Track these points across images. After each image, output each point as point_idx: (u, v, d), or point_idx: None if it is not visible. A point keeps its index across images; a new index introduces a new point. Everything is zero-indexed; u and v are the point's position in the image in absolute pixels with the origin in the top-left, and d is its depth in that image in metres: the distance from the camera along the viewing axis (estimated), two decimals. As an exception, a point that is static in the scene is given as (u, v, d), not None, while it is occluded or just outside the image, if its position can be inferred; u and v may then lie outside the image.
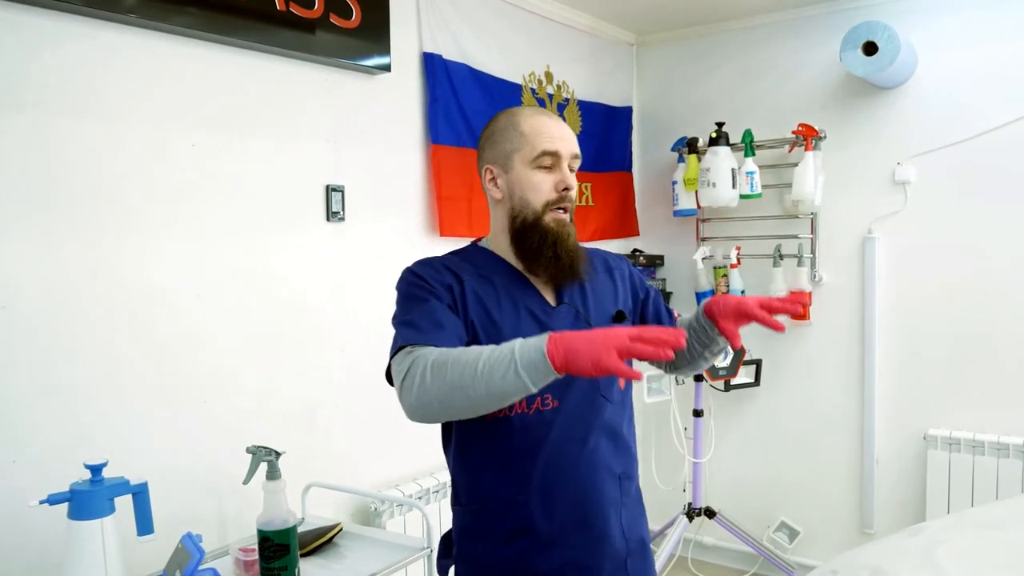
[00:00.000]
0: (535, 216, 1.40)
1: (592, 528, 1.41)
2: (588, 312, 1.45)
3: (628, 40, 3.78)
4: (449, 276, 1.40)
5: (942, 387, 3.14)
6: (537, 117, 1.42)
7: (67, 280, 1.78)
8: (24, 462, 1.69)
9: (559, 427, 1.39)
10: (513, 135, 1.41)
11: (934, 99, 3.10)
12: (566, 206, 1.41)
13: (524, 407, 1.37)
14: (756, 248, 3.49)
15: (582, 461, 1.40)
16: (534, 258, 1.40)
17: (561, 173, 1.40)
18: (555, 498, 1.39)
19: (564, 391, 1.39)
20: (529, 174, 1.40)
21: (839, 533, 3.39)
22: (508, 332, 1.36)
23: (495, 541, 1.40)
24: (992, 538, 1.85)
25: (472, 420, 1.37)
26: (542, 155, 1.39)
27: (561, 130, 1.42)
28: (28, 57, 1.71)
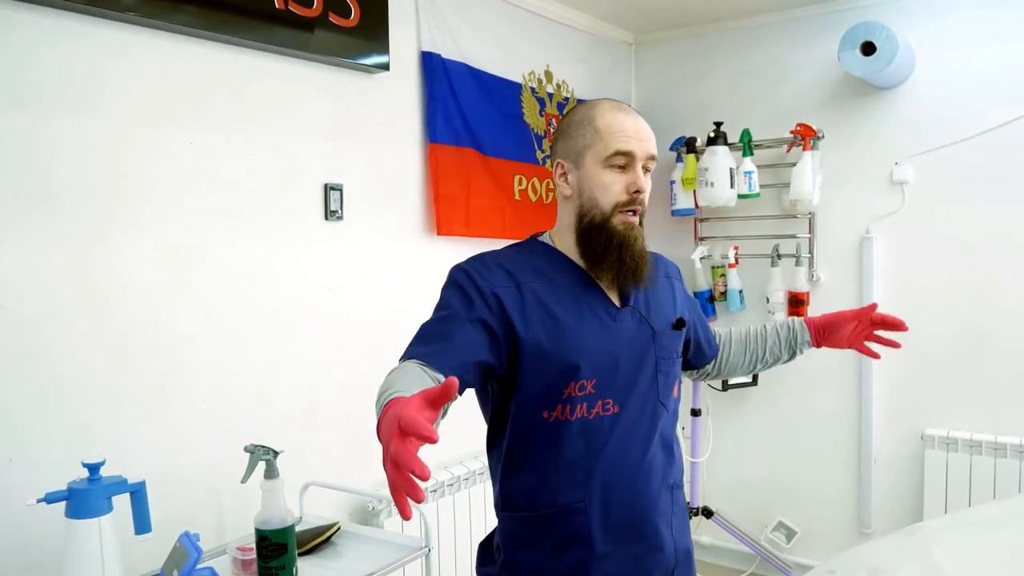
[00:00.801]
0: (603, 217, 1.34)
1: (646, 539, 1.38)
2: (652, 315, 1.42)
3: (626, 40, 3.78)
4: (502, 277, 1.34)
5: (939, 387, 3.15)
6: (614, 113, 1.36)
7: (66, 278, 1.77)
8: (22, 460, 1.69)
9: (619, 434, 1.35)
10: (588, 131, 1.36)
11: (932, 99, 3.10)
12: (636, 208, 1.36)
13: (585, 411, 1.33)
14: (754, 248, 3.50)
15: (640, 470, 1.37)
16: (598, 260, 1.35)
17: (634, 174, 1.34)
18: (612, 507, 1.35)
19: (625, 396, 1.36)
20: (600, 173, 1.34)
21: (837, 533, 3.39)
22: (571, 332, 1.33)
23: (549, 550, 1.35)
24: (989, 537, 1.85)
25: (527, 423, 1.34)
26: (615, 155, 1.33)
27: (638, 129, 1.35)
28: (27, 55, 1.70)
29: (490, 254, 1.40)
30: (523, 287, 1.33)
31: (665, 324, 1.44)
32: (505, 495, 1.40)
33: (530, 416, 1.34)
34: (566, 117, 1.42)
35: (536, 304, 1.32)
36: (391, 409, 0.97)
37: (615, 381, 1.35)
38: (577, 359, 1.31)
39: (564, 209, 1.41)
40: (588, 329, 1.34)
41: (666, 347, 1.42)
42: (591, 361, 1.32)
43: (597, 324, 1.35)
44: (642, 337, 1.39)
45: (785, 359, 1.67)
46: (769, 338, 1.65)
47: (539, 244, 1.44)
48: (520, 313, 1.31)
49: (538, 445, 1.34)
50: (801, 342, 1.64)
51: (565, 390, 1.32)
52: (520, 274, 1.35)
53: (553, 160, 1.42)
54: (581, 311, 1.35)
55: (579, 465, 1.33)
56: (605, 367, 1.34)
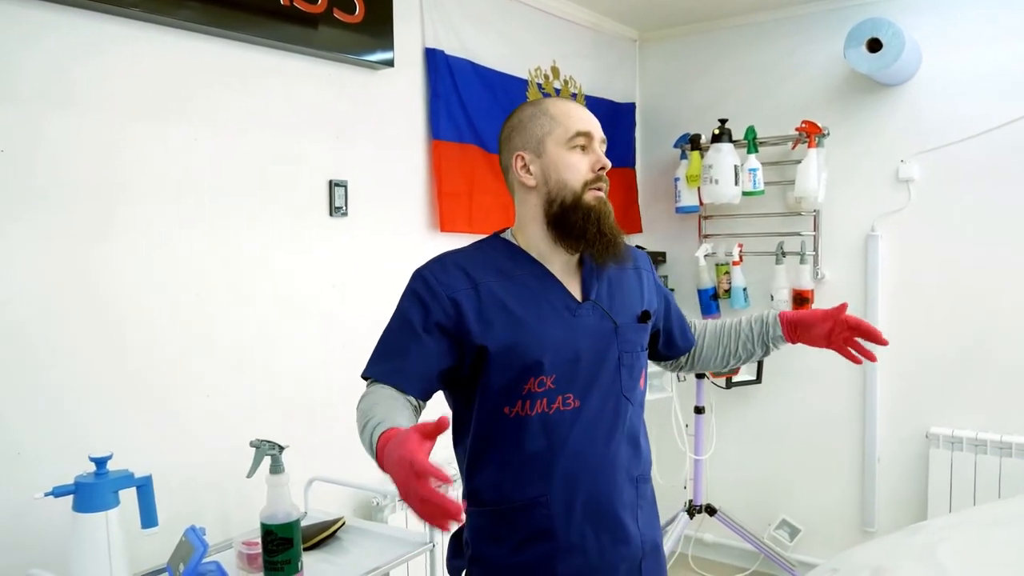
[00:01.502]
0: (575, 196, 1.38)
1: (611, 531, 1.40)
2: (616, 309, 1.43)
3: (631, 36, 3.78)
4: (459, 279, 1.36)
5: (944, 385, 3.14)
6: (563, 102, 1.44)
7: (69, 275, 1.78)
8: (29, 455, 1.70)
9: (580, 428, 1.37)
10: (543, 120, 1.40)
11: (938, 96, 3.09)
12: (602, 185, 1.41)
13: (545, 406, 1.35)
14: (759, 245, 3.49)
15: (603, 464, 1.39)
16: (579, 237, 1.38)
17: (595, 153, 1.40)
18: (575, 501, 1.37)
19: (586, 391, 1.37)
20: (565, 155, 1.39)
21: (840, 531, 3.39)
22: (530, 328, 1.34)
23: (514, 543, 1.37)
24: (993, 536, 1.85)
25: (490, 418, 1.37)
26: (576, 135, 1.39)
27: (588, 114, 1.43)
28: (28, 50, 1.71)
29: (451, 255, 1.42)
30: (481, 287, 1.36)
31: (629, 317, 1.45)
32: (471, 490, 1.42)
33: (492, 412, 1.37)
34: (513, 115, 1.45)
35: (494, 303, 1.35)
36: (393, 448, 1.07)
37: (576, 376, 1.37)
38: (537, 355, 1.34)
39: (526, 202, 1.42)
40: (547, 325, 1.36)
41: (630, 340, 1.44)
42: (551, 357, 1.34)
43: (557, 319, 1.37)
44: (604, 331, 1.41)
45: (759, 354, 1.65)
46: (742, 333, 1.63)
47: (501, 241, 1.46)
48: (478, 315, 1.34)
49: (500, 441, 1.37)
50: (774, 336, 1.61)
51: (525, 386, 1.34)
52: (479, 274, 1.37)
53: (510, 156, 1.43)
54: (540, 307, 1.37)
55: (541, 460, 1.36)
56: (565, 362, 1.36)
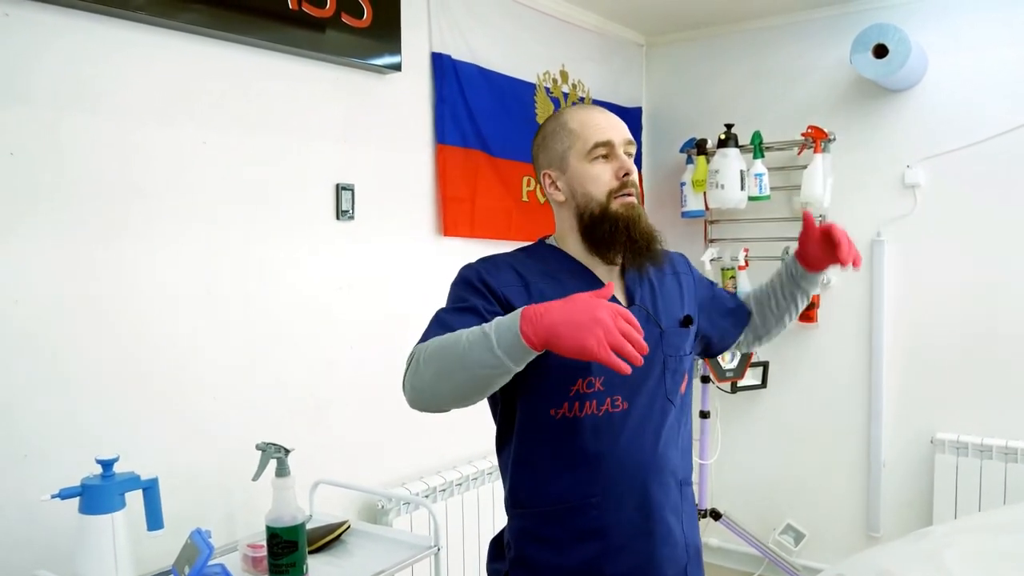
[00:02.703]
0: (601, 207, 1.37)
1: (658, 534, 1.39)
2: (660, 313, 1.43)
3: (637, 41, 3.78)
4: (511, 276, 1.37)
5: (950, 391, 3.13)
6: (583, 111, 1.41)
7: (78, 276, 1.79)
8: (36, 457, 1.70)
9: (629, 430, 1.37)
10: (563, 135, 1.40)
11: (944, 102, 3.09)
12: (630, 191, 1.38)
13: (595, 408, 1.35)
14: (764, 250, 3.49)
15: (651, 465, 1.38)
16: (609, 247, 1.37)
17: (618, 160, 1.38)
18: (624, 502, 1.36)
19: (633, 394, 1.37)
20: (587, 168, 1.38)
21: (845, 536, 3.38)
22: None
23: (562, 544, 1.37)
24: (1000, 542, 1.85)
25: (536, 421, 1.36)
26: (595, 147, 1.37)
27: (608, 119, 1.40)
28: (39, 54, 1.72)
29: (500, 255, 1.43)
30: (531, 286, 1.36)
31: (672, 321, 1.45)
32: (515, 492, 1.41)
33: (537, 414, 1.36)
34: (539, 132, 1.46)
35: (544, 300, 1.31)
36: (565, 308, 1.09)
37: (624, 379, 1.33)
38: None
39: (561, 216, 1.44)
40: None
41: (674, 345, 1.44)
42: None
43: None
44: (650, 336, 1.39)
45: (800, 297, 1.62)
46: (775, 286, 1.63)
47: (547, 247, 1.46)
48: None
49: (548, 442, 1.36)
50: (797, 273, 1.58)
51: (573, 387, 1.34)
52: (528, 274, 1.38)
53: (539, 174, 1.45)
54: None
55: (590, 461, 1.35)
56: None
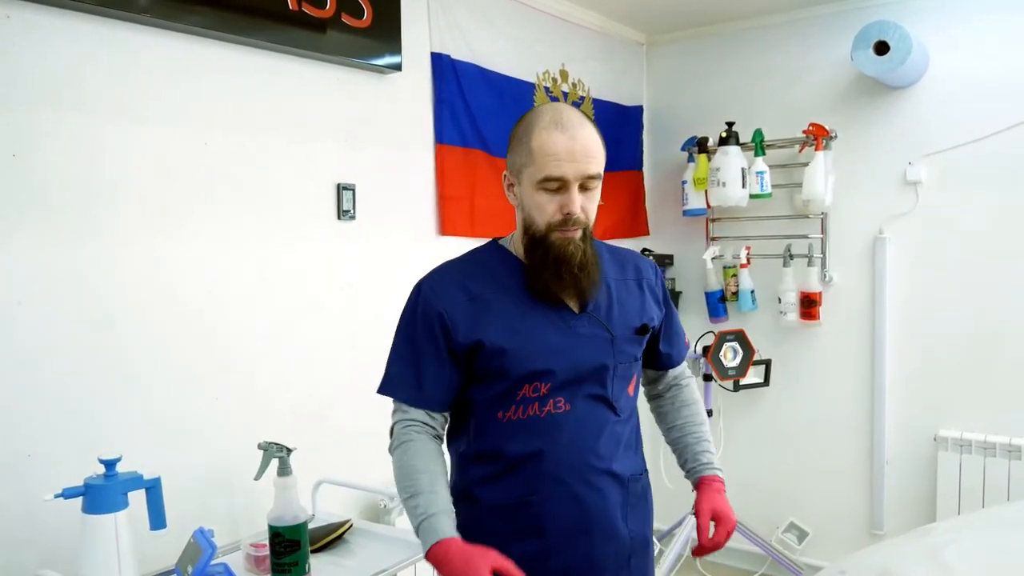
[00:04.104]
0: (540, 234, 1.38)
1: (599, 530, 1.43)
2: (612, 320, 1.45)
3: (638, 40, 3.78)
4: (457, 292, 1.41)
5: (953, 388, 3.13)
6: (549, 132, 1.34)
7: (81, 277, 1.79)
8: (39, 457, 1.71)
9: (569, 430, 1.41)
10: (524, 150, 1.37)
11: (946, 99, 3.09)
12: (571, 229, 1.37)
13: (537, 409, 1.39)
14: (766, 248, 3.49)
15: (591, 465, 1.42)
16: (539, 273, 1.40)
17: (567, 197, 1.34)
18: (563, 501, 1.40)
19: (576, 396, 1.41)
20: (534, 195, 1.37)
21: (848, 534, 3.38)
22: (526, 338, 1.39)
23: (506, 539, 1.40)
24: (1002, 540, 1.84)
25: (485, 422, 1.42)
26: (546, 180, 1.34)
27: (572, 150, 1.33)
28: (43, 56, 1.72)
29: (449, 265, 1.48)
30: (478, 298, 1.40)
31: (626, 328, 1.47)
32: (463, 487, 1.46)
33: (486, 416, 1.42)
34: (514, 127, 1.43)
35: (490, 313, 1.40)
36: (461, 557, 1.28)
37: (568, 382, 1.41)
38: (532, 363, 1.38)
39: (517, 216, 1.45)
40: (543, 334, 1.40)
41: (624, 351, 1.47)
42: (546, 365, 1.39)
43: (552, 329, 1.41)
44: (599, 342, 1.44)
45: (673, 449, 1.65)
46: (675, 442, 1.63)
47: (498, 250, 1.49)
48: (475, 325, 1.38)
49: (493, 442, 1.42)
50: (686, 473, 1.60)
51: (520, 392, 1.40)
52: (476, 284, 1.42)
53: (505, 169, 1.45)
54: (537, 317, 1.41)
55: (531, 460, 1.40)
56: (560, 370, 1.40)
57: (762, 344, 3.45)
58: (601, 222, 3.48)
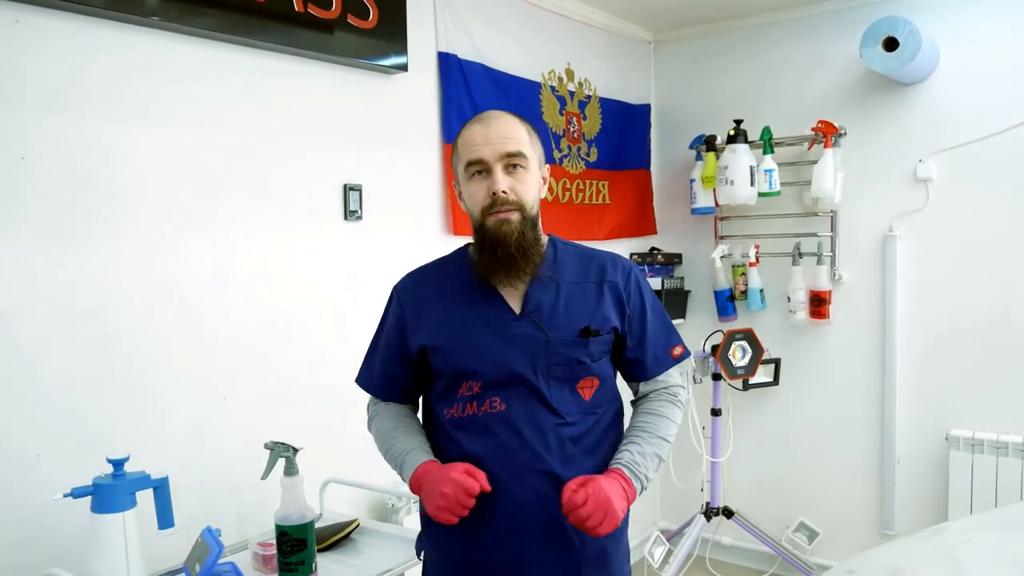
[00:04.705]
0: (478, 222, 1.47)
1: (540, 531, 1.45)
2: (555, 322, 1.46)
3: (645, 38, 3.77)
4: (416, 294, 1.55)
5: (965, 387, 3.11)
6: (469, 128, 1.48)
7: (88, 278, 1.80)
8: (49, 456, 1.72)
9: (506, 431, 1.44)
10: (456, 151, 1.50)
11: (956, 95, 3.06)
12: (501, 208, 1.43)
13: (475, 409, 1.46)
14: (775, 246, 3.47)
15: (528, 467, 1.44)
16: (480, 260, 1.47)
17: (491, 178, 1.43)
18: (501, 498, 1.44)
19: (509, 397, 1.45)
20: (467, 185, 1.48)
21: (859, 534, 3.36)
22: (462, 337, 1.46)
23: (451, 531, 1.46)
24: (1015, 540, 1.83)
25: (435, 420, 1.52)
26: (468, 165, 1.45)
27: (487, 134, 1.43)
28: (51, 61, 1.74)
29: (420, 270, 1.61)
30: (430, 300, 1.52)
31: (569, 331, 1.47)
32: None
33: (435, 414, 1.53)
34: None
35: (436, 314, 1.50)
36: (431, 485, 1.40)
37: (503, 382, 1.45)
38: (464, 362, 1.46)
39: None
40: (479, 333, 1.46)
41: (562, 354, 1.47)
42: (478, 364, 1.45)
43: (487, 329, 1.47)
44: (534, 344, 1.46)
45: None
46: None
47: (459, 255, 1.58)
48: (419, 325, 1.51)
49: (441, 438, 1.51)
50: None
51: (458, 390, 1.48)
52: (431, 287, 1.55)
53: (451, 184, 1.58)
54: (475, 318, 1.48)
55: (471, 458, 1.45)
56: (493, 368, 1.45)
57: (771, 343, 3.43)
58: (608, 221, 3.50)
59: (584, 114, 3.37)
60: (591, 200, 3.42)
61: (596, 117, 3.44)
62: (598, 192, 3.46)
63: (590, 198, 3.41)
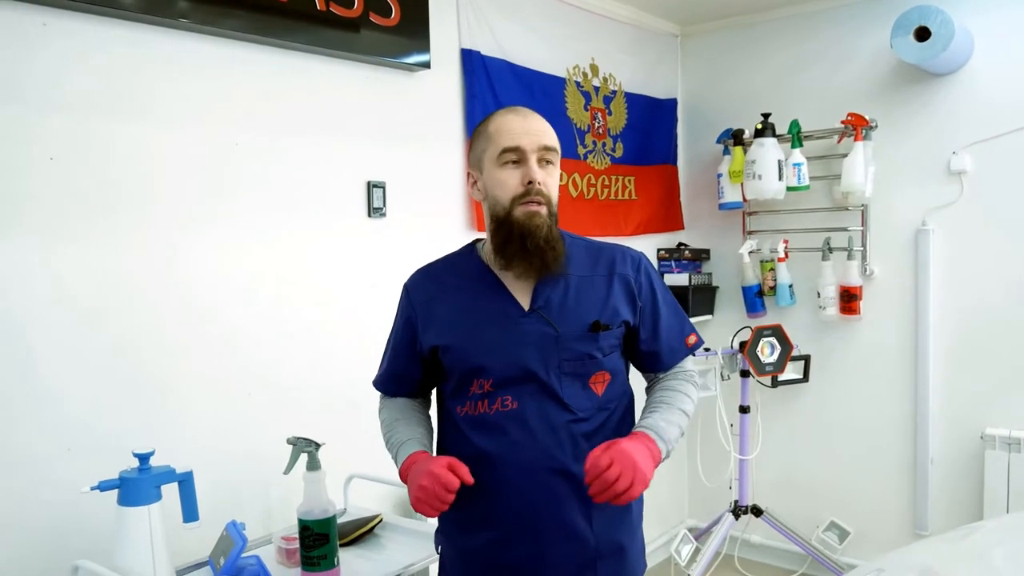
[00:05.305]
0: (505, 212, 1.44)
1: (554, 528, 1.44)
2: (565, 317, 1.45)
3: (672, 31, 3.74)
4: (426, 291, 1.55)
5: (1001, 384, 3.04)
6: (503, 116, 1.46)
7: (116, 275, 1.83)
8: (80, 450, 1.76)
9: (518, 428, 1.44)
10: (483, 138, 1.47)
11: (991, 85, 2.99)
12: (534, 199, 1.43)
13: (487, 407, 1.45)
14: (804, 241, 3.42)
15: (541, 464, 1.43)
16: (503, 251, 1.45)
17: (526, 167, 1.42)
18: (513, 496, 1.44)
19: (521, 394, 1.44)
20: (496, 172, 1.44)
21: (891, 534, 3.30)
22: (472, 334, 1.46)
23: (466, 529, 1.49)
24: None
25: (448, 417, 1.52)
26: (503, 152, 1.43)
27: (526, 125, 1.44)
28: (80, 61, 1.76)
29: (428, 267, 1.61)
30: (439, 297, 1.52)
31: (578, 326, 1.46)
32: None
33: (449, 412, 1.53)
34: (472, 133, 1.54)
35: (445, 312, 1.50)
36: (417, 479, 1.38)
37: (514, 380, 1.44)
38: (474, 359, 1.46)
39: (484, 215, 1.52)
40: (488, 331, 1.46)
41: (572, 349, 1.46)
42: (489, 361, 1.45)
43: (497, 327, 1.46)
44: (544, 339, 1.45)
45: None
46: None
47: (467, 252, 1.58)
48: (429, 322, 1.51)
49: (452, 436, 1.51)
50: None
51: (470, 388, 1.47)
52: (442, 284, 1.54)
53: (467, 173, 1.54)
54: (482, 315, 1.48)
55: (484, 456, 1.44)
56: (503, 366, 1.45)
57: (801, 339, 3.39)
58: (634, 217, 3.47)
59: (609, 109, 3.35)
60: (617, 196, 3.40)
61: (621, 112, 3.42)
62: (624, 188, 3.43)
63: (616, 194, 3.39)
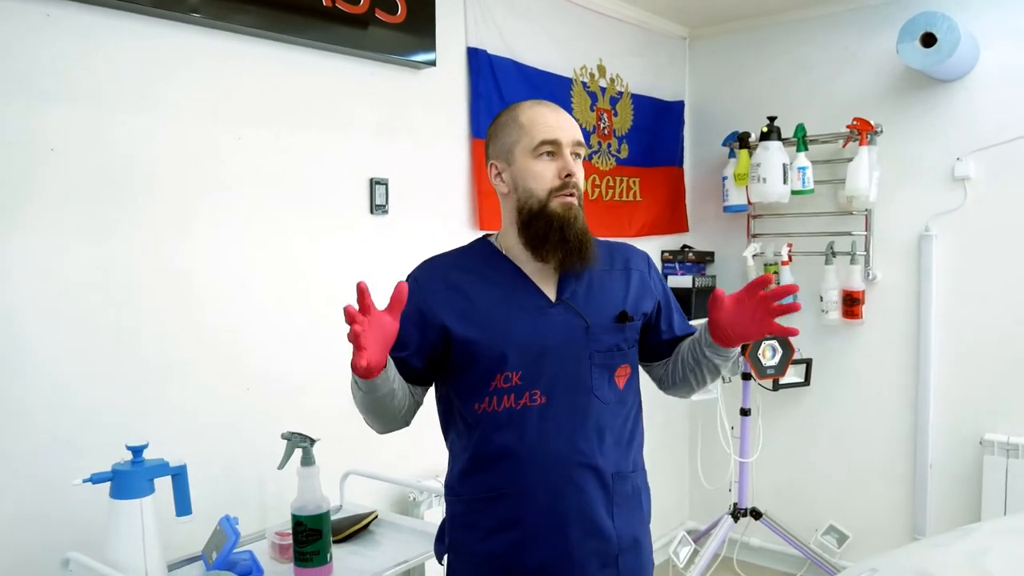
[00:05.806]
0: (540, 204, 1.41)
1: (579, 525, 1.42)
2: (591, 309, 1.45)
3: (680, 34, 3.73)
4: (439, 281, 1.45)
5: (1000, 390, 3.03)
6: (535, 108, 1.44)
7: (118, 269, 1.84)
8: (79, 443, 1.77)
9: (546, 423, 1.40)
10: (513, 128, 1.44)
11: (996, 92, 2.98)
12: (571, 191, 1.42)
13: (512, 402, 1.40)
14: (808, 245, 3.41)
15: (568, 459, 1.41)
16: (541, 244, 1.41)
17: (563, 160, 1.41)
18: (537, 495, 1.40)
19: (552, 388, 1.41)
20: (531, 164, 1.42)
21: (890, 539, 3.29)
22: (498, 326, 1.40)
23: (484, 532, 1.43)
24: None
25: (464, 414, 1.44)
26: (541, 144, 1.40)
27: (559, 119, 1.43)
28: (88, 54, 1.77)
29: (438, 257, 1.53)
30: (457, 288, 1.44)
31: (605, 317, 1.46)
32: (448, 480, 1.50)
33: (465, 408, 1.44)
34: (493, 122, 1.50)
35: (467, 302, 1.42)
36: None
37: (542, 373, 1.41)
38: (502, 351, 1.40)
39: (505, 207, 1.48)
40: (515, 323, 1.41)
41: (602, 340, 1.45)
42: (517, 354, 1.40)
43: (525, 318, 1.42)
44: (575, 330, 1.43)
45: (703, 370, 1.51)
46: (683, 350, 1.54)
47: (482, 245, 1.53)
48: (449, 313, 1.42)
49: (471, 434, 1.44)
50: (706, 343, 1.46)
51: (492, 382, 1.40)
52: (457, 275, 1.46)
53: (487, 164, 1.49)
54: (510, 306, 1.43)
55: (508, 453, 1.40)
56: (531, 359, 1.40)
57: (803, 343, 3.38)
58: (639, 218, 3.47)
59: (615, 110, 3.34)
60: (621, 197, 3.39)
61: (628, 113, 3.42)
62: (628, 189, 3.43)
63: (620, 195, 3.39)
